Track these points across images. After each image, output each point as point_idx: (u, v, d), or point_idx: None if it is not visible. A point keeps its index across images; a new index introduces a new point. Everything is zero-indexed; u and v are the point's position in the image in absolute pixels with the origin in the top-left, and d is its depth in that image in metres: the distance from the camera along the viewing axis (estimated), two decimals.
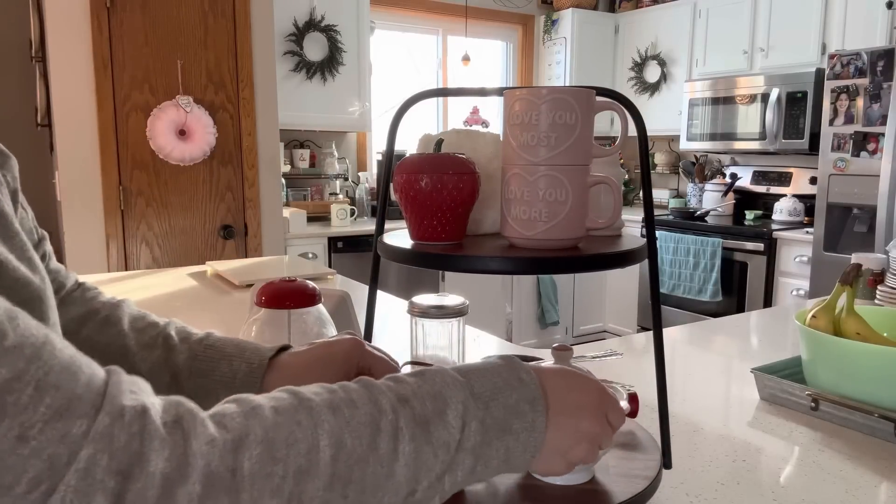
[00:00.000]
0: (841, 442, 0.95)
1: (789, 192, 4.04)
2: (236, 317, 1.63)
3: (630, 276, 4.37)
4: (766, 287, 3.65)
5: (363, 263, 3.68)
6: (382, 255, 0.75)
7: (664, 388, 0.74)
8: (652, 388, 1.14)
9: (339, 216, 3.83)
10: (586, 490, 0.71)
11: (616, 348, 1.35)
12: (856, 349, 0.99)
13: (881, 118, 3.11)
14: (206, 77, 3.12)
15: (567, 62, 4.80)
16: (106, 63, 2.90)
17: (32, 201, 0.60)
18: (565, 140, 0.67)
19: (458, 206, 0.72)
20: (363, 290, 1.92)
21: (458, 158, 0.72)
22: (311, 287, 0.78)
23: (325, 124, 3.97)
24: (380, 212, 0.80)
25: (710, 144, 4.21)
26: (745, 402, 1.10)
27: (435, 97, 0.77)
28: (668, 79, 4.60)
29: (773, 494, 0.80)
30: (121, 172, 2.99)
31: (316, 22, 3.75)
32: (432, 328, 0.95)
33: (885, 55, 3.08)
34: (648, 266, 0.73)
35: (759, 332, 1.58)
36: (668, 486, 0.81)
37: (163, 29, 3.01)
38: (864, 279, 1.65)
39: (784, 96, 3.75)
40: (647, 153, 0.77)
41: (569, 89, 0.67)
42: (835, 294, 1.10)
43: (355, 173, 4.37)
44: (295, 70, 3.75)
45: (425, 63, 4.78)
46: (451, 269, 0.68)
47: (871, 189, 3.17)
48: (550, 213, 0.68)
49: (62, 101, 2.86)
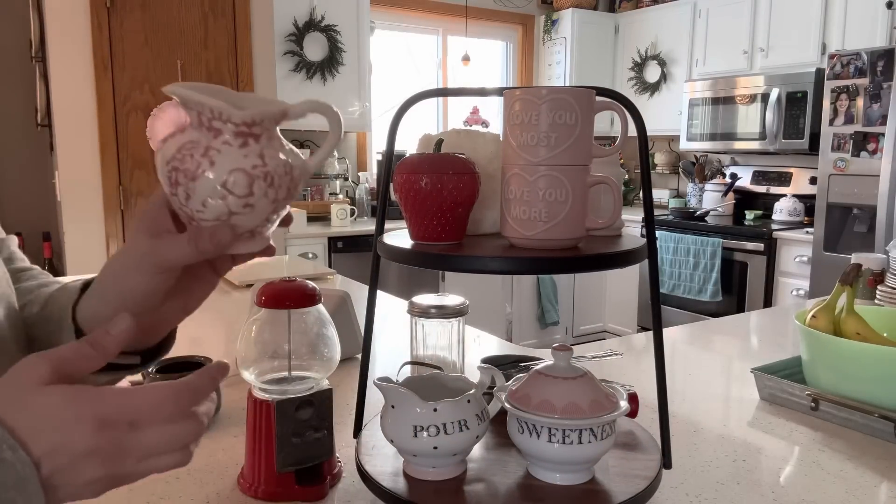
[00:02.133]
0: (841, 442, 0.95)
1: (789, 192, 4.04)
2: (236, 317, 1.63)
3: (630, 276, 4.37)
4: (766, 287, 3.65)
5: (363, 263, 3.68)
6: (382, 255, 0.75)
7: (664, 388, 0.74)
8: (652, 388, 1.14)
9: (339, 216, 3.83)
10: (586, 490, 0.71)
11: (616, 348, 1.35)
12: (856, 349, 0.99)
13: (881, 118, 3.11)
14: (206, 77, 3.12)
15: (567, 62, 4.80)
16: (106, 63, 2.90)
17: (32, 201, 0.60)
18: (565, 140, 0.67)
19: (458, 206, 0.72)
20: (363, 290, 1.92)
21: (458, 158, 0.72)
22: (311, 287, 0.78)
23: (325, 124, 3.91)
24: (380, 212, 0.80)
25: (710, 144, 4.21)
26: (745, 402, 1.10)
27: (435, 97, 0.77)
28: (668, 79, 4.60)
29: (773, 494, 0.80)
30: (121, 172, 2.99)
31: (316, 22, 3.75)
32: (432, 328, 0.95)
33: (885, 55, 3.08)
34: (648, 266, 0.73)
35: (759, 332, 1.58)
36: (668, 486, 0.81)
37: (163, 29, 3.01)
38: (864, 279, 1.65)
39: (784, 96, 3.74)
40: (647, 153, 0.77)
41: (569, 89, 0.67)
42: (835, 294, 1.10)
43: (355, 173, 4.37)
44: (295, 70, 3.75)
45: (425, 63, 4.78)
46: (451, 269, 0.68)
47: (871, 189, 3.17)
48: (550, 213, 0.68)
49: (62, 101, 2.86)
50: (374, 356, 1.32)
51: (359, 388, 0.84)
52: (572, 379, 0.72)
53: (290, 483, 0.77)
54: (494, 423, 0.79)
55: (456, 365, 0.96)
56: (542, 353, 1.14)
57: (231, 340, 1.41)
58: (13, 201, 3.21)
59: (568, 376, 0.72)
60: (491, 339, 1.48)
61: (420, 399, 0.72)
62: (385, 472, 0.75)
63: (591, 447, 0.70)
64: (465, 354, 1.00)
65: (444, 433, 0.71)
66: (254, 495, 0.78)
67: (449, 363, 0.95)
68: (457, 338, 0.96)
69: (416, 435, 0.71)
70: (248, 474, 0.79)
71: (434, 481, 0.73)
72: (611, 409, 0.71)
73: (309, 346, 0.79)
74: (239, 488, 0.80)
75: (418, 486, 0.72)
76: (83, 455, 0.44)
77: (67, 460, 0.43)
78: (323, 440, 0.79)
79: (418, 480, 0.73)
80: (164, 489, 0.80)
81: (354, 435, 0.85)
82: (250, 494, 0.78)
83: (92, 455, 0.44)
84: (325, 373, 0.80)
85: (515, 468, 0.76)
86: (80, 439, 0.43)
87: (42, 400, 0.44)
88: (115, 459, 0.45)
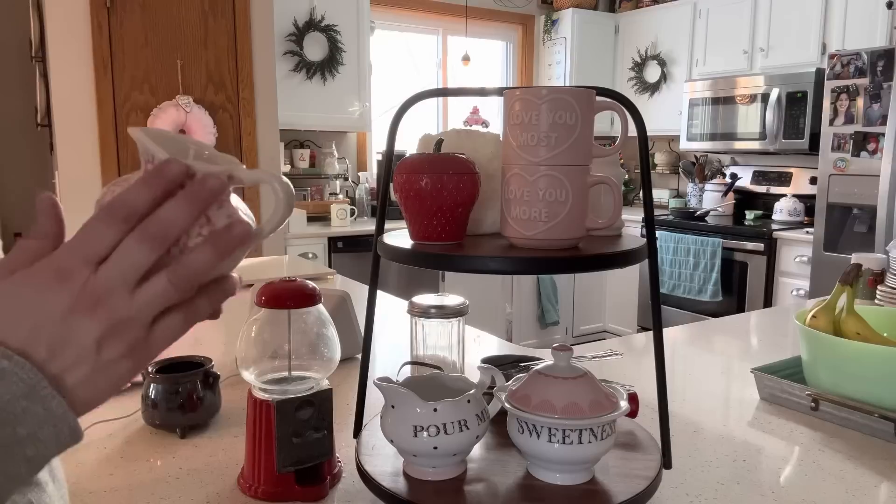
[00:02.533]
0: (841, 442, 0.95)
1: (789, 192, 4.04)
2: (236, 317, 1.63)
3: (630, 276, 4.37)
4: (766, 287, 3.65)
5: (363, 263, 3.68)
6: (382, 255, 0.75)
7: (664, 388, 0.74)
8: (652, 388, 1.14)
9: (339, 216, 3.83)
10: (586, 490, 0.71)
11: (616, 348, 1.35)
12: (856, 349, 0.99)
13: (881, 118, 3.11)
14: (206, 77, 3.12)
15: (567, 62, 4.80)
16: (106, 63, 2.90)
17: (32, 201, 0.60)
18: (565, 140, 0.67)
19: (458, 206, 0.72)
20: (363, 290, 1.92)
21: (458, 158, 0.72)
22: (310, 287, 0.78)
23: (325, 124, 3.97)
24: (380, 212, 0.80)
25: (710, 144, 4.21)
26: (745, 402, 1.10)
27: (435, 97, 0.77)
28: (668, 79, 4.60)
29: (773, 494, 0.80)
30: (121, 172, 2.99)
31: (316, 22, 3.75)
32: (432, 328, 0.95)
33: (885, 55, 3.08)
34: (648, 266, 0.73)
35: (759, 332, 1.58)
36: (668, 486, 0.81)
37: (163, 29, 3.01)
38: (864, 279, 1.65)
39: (784, 96, 3.74)
40: (647, 153, 0.77)
41: (569, 89, 0.67)
42: (835, 294, 1.10)
43: (355, 173, 4.37)
44: (295, 70, 3.75)
45: (425, 63, 4.78)
46: (451, 269, 0.68)
47: (871, 189, 3.17)
48: (550, 213, 0.68)
49: (62, 101, 2.86)
50: (374, 356, 1.32)
51: (359, 388, 0.84)
52: (572, 379, 0.72)
53: (290, 483, 0.77)
54: (494, 423, 0.79)
55: (456, 365, 0.96)
56: (542, 353, 1.14)
57: (231, 340, 1.41)
58: (13, 201, 3.21)
59: (568, 376, 0.72)
60: (491, 339, 1.48)
61: (420, 399, 0.72)
62: (385, 472, 0.75)
63: (591, 447, 0.70)
64: (465, 354, 1.00)
65: (444, 433, 0.71)
66: (254, 495, 0.78)
67: (449, 363, 0.95)
68: (457, 338, 0.96)
69: (416, 435, 0.71)
70: (248, 474, 0.79)
71: (434, 481, 0.73)
72: (611, 409, 0.71)
73: (309, 346, 0.79)
74: (239, 488, 0.80)
75: (418, 486, 0.72)
76: (66, 316, 0.39)
77: (58, 334, 0.39)
78: (323, 440, 0.79)
79: (418, 480, 0.73)
80: (165, 489, 0.80)
81: (354, 435, 0.85)
82: (250, 494, 0.78)
83: (76, 312, 0.39)
84: (325, 373, 0.80)
85: (515, 468, 0.76)
86: (54, 302, 0.39)
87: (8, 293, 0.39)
88: (103, 305, 0.39)
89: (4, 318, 0.39)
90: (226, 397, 1.05)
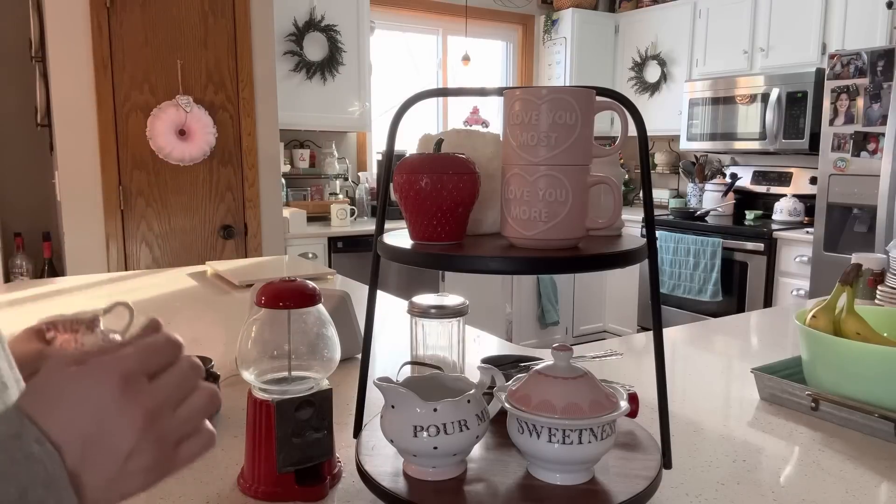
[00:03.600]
0: (841, 442, 0.95)
1: (789, 192, 4.03)
2: (236, 317, 1.63)
3: (630, 276, 4.37)
4: (766, 287, 3.65)
5: (363, 263, 3.68)
6: (382, 255, 0.75)
7: (664, 388, 0.74)
8: (652, 388, 1.14)
9: (339, 216, 3.83)
10: (586, 490, 0.71)
11: (616, 348, 1.35)
12: (856, 349, 0.99)
13: (881, 118, 3.11)
14: (205, 77, 3.12)
15: (567, 62, 4.80)
16: (106, 63, 2.90)
17: (32, 201, 0.60)
18: (565, 140, 0.67)
19: (458, 206, 0.72)
20: (363, 290, 1.92)
21: (458, 158, 0.72)
22: (311, 287, 0.78)
23: (325, 124, 3.97)
24: (380, 212, 0.80)
25: (710, 144, 4.21)
26: (745, 402, 1.10)
27: (435, 97, 0.77)
28: (668, 79, 4.60)
29: (773, 494, 0.80)
30: (120, 172, 2.99)
31: (316, 22, 3.75)
32: (432, 328, 0.95)
33: (885, 55, 3.08)
34: (648, 266, 0.73)
35: (759, 332, 1.58)
36: (668, 486, 0.81)
37: (163, 29, 3.01)
38: (864, 279, 1.65)
39: (784, 96, 3.74)
40: (647, 153, 0.77)
41: (569, 89, 0.67)
42: (835, 294, 1.10)
43: (355, 173, 4.37)
44: (295, 70, 3.75)
45: (425, 63, 4.78)
46: (451, 269, 0.68)
47: (871, 189, 3.17)
48: (550, 213, 0.68)
49: (62, 101, 2.86)
50: (374, 356, 1.32)
51: (359, 388, 0.84)
52: (572, 379, 0.72)
53: (290, 483, 0.77)
54: (494, 423, 0.79)
55: (456, 365, 0.96)
56: (542, 353, 1.14)
57: (231, 340, 1.41)
58: (13, 201, 3.21)
59: (568, 376, 0.72)
60: (491, 339, 1.48)
61: (420, 399, 0.72)
62: (385, 472, 0.75)
63: (591, 447, 0.70)
64: (465, 354, 1.00)
65: (444, 433, 0.71)
66: (254, 495, 0.78)
67: (449, 363, 0.95)
68: (457, 338, 0.96)
69: (416, 435, 0.71)
70: (248, 474, 0.79)
71: (434, 481, 0.73)
72: (611, 409, 0.71)
73: (309, 346, 0.79)
74: (239, 488, 0.80)
75: (418, 486, 0.72)
76: (115, 418, 0.39)
77: (98, 434, 0.39)
78: (323, 440, 0.79)
79: (418, 480, 0.73)
80: (165, 489, 0.80)
81: (354, 435, 0.85)
82: (250, 494, 0.78)
83: (125, 415, 0.40)
84: (325, 373, 0.80)
85: (515, 468, 0.76)
86: (109, 402, 0.39)
87: (62, 384, 0.40)
88: (165, 444, 0.41)
89: (55, 405, 0.39)
90: (226, 397, 1.05)
